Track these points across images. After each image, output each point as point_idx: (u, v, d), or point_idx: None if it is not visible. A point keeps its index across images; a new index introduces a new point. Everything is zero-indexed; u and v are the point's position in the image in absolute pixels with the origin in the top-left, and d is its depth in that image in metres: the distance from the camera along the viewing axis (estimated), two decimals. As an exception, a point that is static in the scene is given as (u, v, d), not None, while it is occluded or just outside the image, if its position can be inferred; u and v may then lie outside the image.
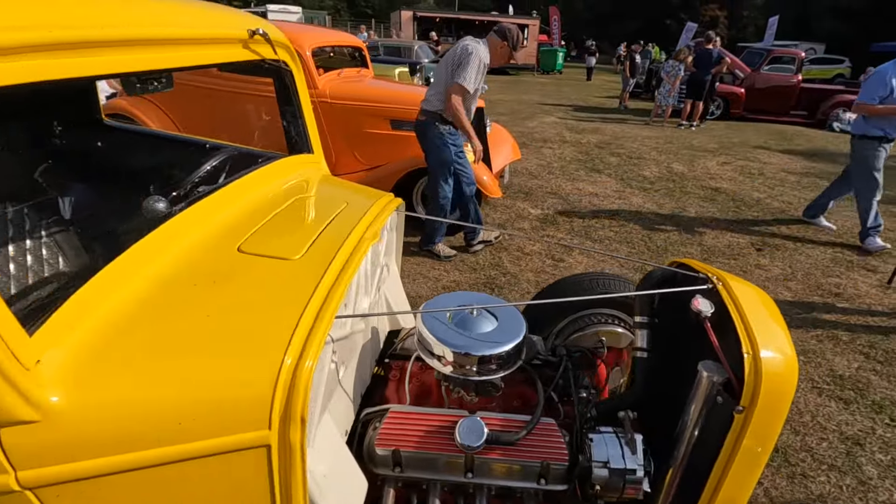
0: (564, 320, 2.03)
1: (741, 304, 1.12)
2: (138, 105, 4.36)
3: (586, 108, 12.41)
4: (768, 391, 0.97)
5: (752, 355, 1.00)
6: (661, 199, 5.26)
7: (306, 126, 1.69)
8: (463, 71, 3.02)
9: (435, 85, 3.25)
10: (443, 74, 3.15)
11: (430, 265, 3.49)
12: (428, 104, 3.23)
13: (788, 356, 1.02)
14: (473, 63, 3.05)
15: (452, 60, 3.10)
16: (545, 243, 3.96)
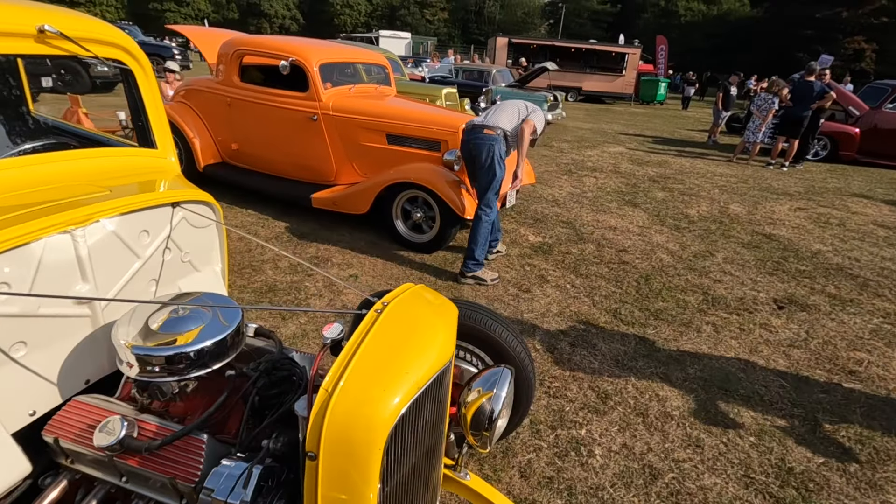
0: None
1: (375, 337, 0.95)
2: (176, 109, 4.87)
3: (668, 140, 11.59)
4: (333, 437, 0.81)
5: (328, 394, 0.84)
6: (691, 240, 4.70)
7: (149, 122, 1.76)
8: (536, 118, 3.42)
9: (507, 115, 3.43)
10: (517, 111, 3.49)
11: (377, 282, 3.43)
12: (504, 123, 3.34)
13: (380, 402, 0.85)
14: (542, 120, 3.50)
15: (527, 107, 3.52)
16: (522, 272, 3.71)
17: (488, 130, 3.32)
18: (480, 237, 3.39)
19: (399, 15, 56.84)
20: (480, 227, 3.39)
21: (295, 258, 1.90)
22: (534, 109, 3.52)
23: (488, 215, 3.40)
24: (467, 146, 3.41)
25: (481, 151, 3.31)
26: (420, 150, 4.06)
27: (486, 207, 3.40)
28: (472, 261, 3.43)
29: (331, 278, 3.31)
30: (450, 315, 1.17)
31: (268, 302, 3.03)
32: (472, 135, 3.38)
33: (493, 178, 3.33)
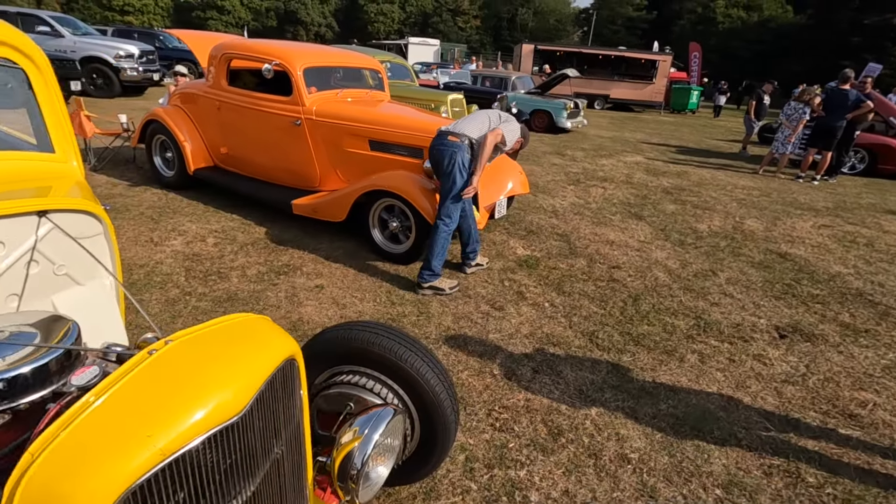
0: (322, 374, 1.72)
1: (129, 387, 0.78)
2: (168, 112, 4.87)
3: (693, 150, 11.10)
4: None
5: (32, 459, 0.68)
6: (694, 257, 4.37)
7: (46, 124, 1.66)
8: (508, 128, 3.35)
9: (477, 123, 3.34)
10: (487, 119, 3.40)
11: (335, 293, 3.28)
12: (470, 130, 3.26)
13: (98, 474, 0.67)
14: (515, 130, 3.45)
15: (500, 116, 3.45)
16: (499, 287, 3.50)
17: (453, 137, 3.22)
18: (437, 247, 3.23)
19: (432, 22, 57.28)
20: (438, 236, 3.23)
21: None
22: (507, 120, 3.46)
23: (447, 225, 3.25)
24: (432, 152, 3.28)
25: (443, 158, 3.19)
26: (403, 157, 3.91)
27: (446, 217, 3.24)
28: (427, 271, 3.27)
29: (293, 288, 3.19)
30: (272, 356, 0.99)
31: (222, 312, 2.91)
32: (438, 140, 3.26)
33: (452, 187, 3.19)
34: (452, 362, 2.59)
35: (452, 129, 3.28)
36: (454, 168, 3.16)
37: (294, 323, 2.85)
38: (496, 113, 3.49)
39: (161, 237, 3.90)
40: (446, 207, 3.23)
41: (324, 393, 1.64)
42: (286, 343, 1.06)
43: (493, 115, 3.45)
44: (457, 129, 3.25)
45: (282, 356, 1.01)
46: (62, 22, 12.34)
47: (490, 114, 3.46)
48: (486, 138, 3.22)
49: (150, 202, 4.67)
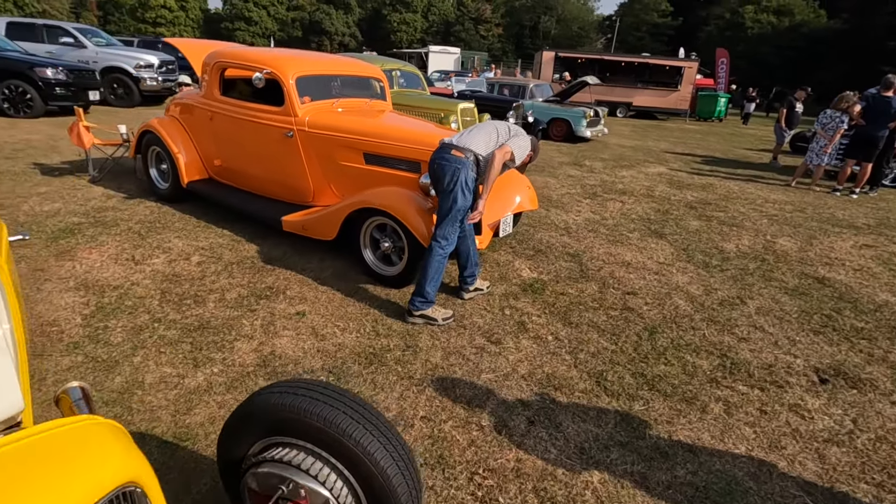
0: (255, 445, 1.42)
1: None
2: (163, 123, 4.71)
3: (719, 160, 10.57)
4: None
5: None
6: (720, 282, 3.96)
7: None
8: (518, 143, 3.05)
9: (483, 137, 3.03)
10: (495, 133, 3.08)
11: (316, 327, 2.99)
12: (476, 146, 2.95)
13: None
14: (525, 146, 3.12)
15: (510, 130, 3.13)
16: (499, 316, 3.16)
17: (457, 152, 2.90)
18: (431, 271, 2.93)
19: (454, 31, 57.44)
20: (432, 259, 2.92)
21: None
22: (516, 133, 3.13)
23: (443, 248, 2.93)
24: (432, 166, 2.97)
25: (444, 174, 2.88)
26: (400, 171, 3.63)
27: (442, 239, 2.93)
28: (419, 298, 2.95)
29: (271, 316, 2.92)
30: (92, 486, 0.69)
31: (189, 343, 2.66)
32: (439, 154, 2.94)
33: (452, 206, 2.88)
34: (436, 409, 2.27)
35: (456, 142, 2.96)
36: (456, 186, 2.85)
37: (265, 357, 2.57)
38: (504, 125, 3.16)
39: (143, 255, 3.70)
40: (443, 228, 2.92)
41: (254, 470, 1.35)
42: (123, 466, 0.76)
43: (501, 127, 3.12)
44: (462, 143, 2.93)
45: (109, 485, 0.72)
46: (85, 33, 12.55)
47: (498, 126, 3.12)
48: (493, 157, 2.91)
49: (142, 216, 4.49)
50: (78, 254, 3.63)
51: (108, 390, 2.25)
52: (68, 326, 2.71)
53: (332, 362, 2.57)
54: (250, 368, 2.47)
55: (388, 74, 7.55)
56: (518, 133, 3.13)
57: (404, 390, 2.38)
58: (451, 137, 3.07)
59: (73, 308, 2.90)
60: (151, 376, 2.36)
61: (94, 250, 3.71)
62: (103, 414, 2.05)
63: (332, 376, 2.45)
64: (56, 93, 9.54)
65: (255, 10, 61.22)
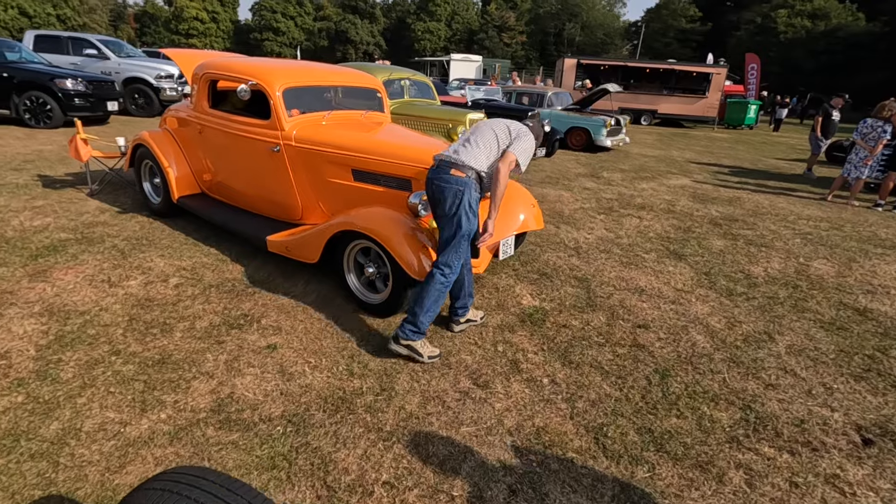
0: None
1: None
2: (155, 136, 4.56)
3: (748, 171, 10.00)
4: None
5: None
6: (746, 313, 3.55)
7: None
8: (520, 147, 2.72)
9: (484, 148, 2.72)
10: (494, 139, 2.75)
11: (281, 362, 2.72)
12: (476, 162, 2.66)
13: None
14: (530, 147, 2.79)
15: (510, 130, 2.79)
16: (491, 352, 2.84)
17: (457, 171, 2.60)
18: (429, 300, 2.63)
19: (477, 39, 57.49)
20: (431, 288, 2.63)
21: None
22: (517, 135, 2.77)
23: (445, 276, 2.64)
24: (430, 187, 2.68)
25: (445, 197, 2.59)
26: (391, 188, 3.36)
27: (445, 266, 2.64)
28: (411, 326, 2.64)
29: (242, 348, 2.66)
30: None
31: (143, 381, 2.42)
32: (437, 174, 2.65)
33: (456, 232, 2.61)
34: (402, 473, 1.96)
35: (454, 158, 2.65)
36: (459, 210, 2.57)
37: (221, 401, 2.31)
38: (503, 127, 2.79)
39: (120, 276, 3.51)
40: (446, 255, 2.64)
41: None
42: None
43: (500, 132, 2.76)
44: (460, 160, 2.63)
45: None
46: (109, 45, 12.79)
47: (497, 131, 2.76)
48: (498, 172, 2.61)
49: (129, 232, 4.34)
50: (53, 274, 3.46)
51: (40, 439, 2.02)
52: (19, 360, 2.51)
53: (294, 408, 2.29)
54: (202, 415, 2.21)
55: (398, 84, 7.34)
56: (520, 134, 2.77)
57: (370, 446, 2.09)
58: (446, 151, 2.76)
59: (29, 338, 2.71)
60: (91, 422, 2.13)
61: (71, 270, 3.54)
62: (27, 470, 1.82)
63: (290, 426, 2.17)
64: (75, 104, 9.66)
65: (283, 21, 62.60)
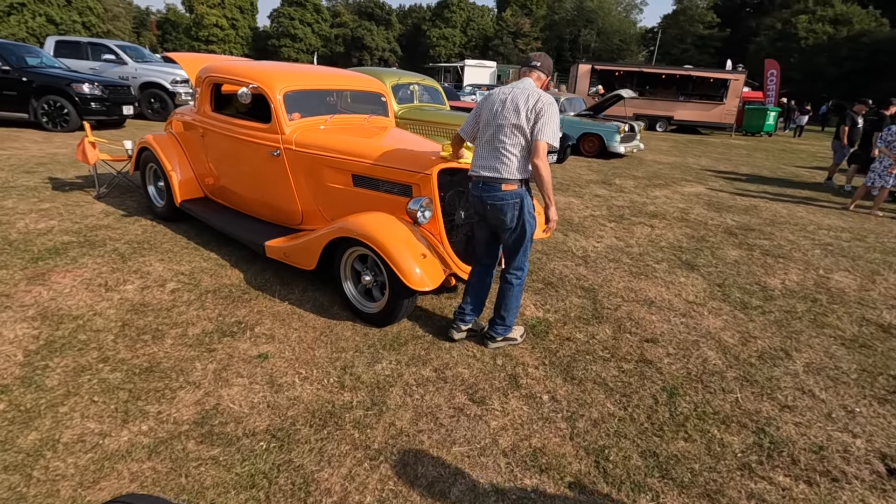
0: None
1: None
2: (159, 140, 4.55)
3: (767, 179, 9.74)
4: None
5: None
6: (762, 328, 3.38)
7: None
8: (547, 126, 2.47)
9: (512, 149, 2.54)
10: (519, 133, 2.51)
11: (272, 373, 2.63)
12: (519, 170, 2.57)
13: None
14: (555, 116, 2.51)
15: (527, 115, 2.48)
16: (490, 366, 2.72)
17: (507, 186, 2.58)
18: (512, 303, 2.85)
19: (492, 45, 57.55)
20: (513, 293, 2.84)
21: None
22: (537, 113, 2.45)
23: (520, 278, 2.86)
24: (480, 206, 2.68)
25: (504, 213, 2.62)
26: (391, 194, 3.27)
27: (517, 270, 2.84)
28: (501, 326, 2.90)
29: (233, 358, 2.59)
30: None
31: (128, 390, 2.36)
32: (488, 193, 2.61)
33: (523, 238, 2.72)
34: (387, 496, 1.86)
35: (498, 176, 2.55)
36: (521, 219, 2.66)
37: (205, 413, 2.23)
38: (522, 108, 2.48)
39: (118, 280, 3.47)
40: (517, 259, 2.81)
41: None
42: None
43: (519, 117, 2.48)
44: (503, 174, 2.55)
45: None
46: (127, 50, 13.00)
47: (515, 118, 2.49)
48: (537, 168, 2.50)
49: (132, 236, 4.31)
50: (52, 278, 3.44)
51: (16, 450, 1.96)
52: (5, 365, 2.46)
53: (280, 422, 2.20)
54: (184, 427, 2.13)
55: (407, 89, 7.28)
56: (539, 110, 2.45)
57: (355, 465, 1.98)
58: (480, 168, 2.62)
59: (20, 342, 2.66)
60: (71, 433, 2.06)
61: (69, 273, 3.52)
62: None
63: (274, 441, 2.08)
64: (91, 108, 9.79)
65: (301, 28, 63.41)
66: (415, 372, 2.62)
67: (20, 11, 43.45)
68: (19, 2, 43.27)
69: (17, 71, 9.38)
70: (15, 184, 5.65)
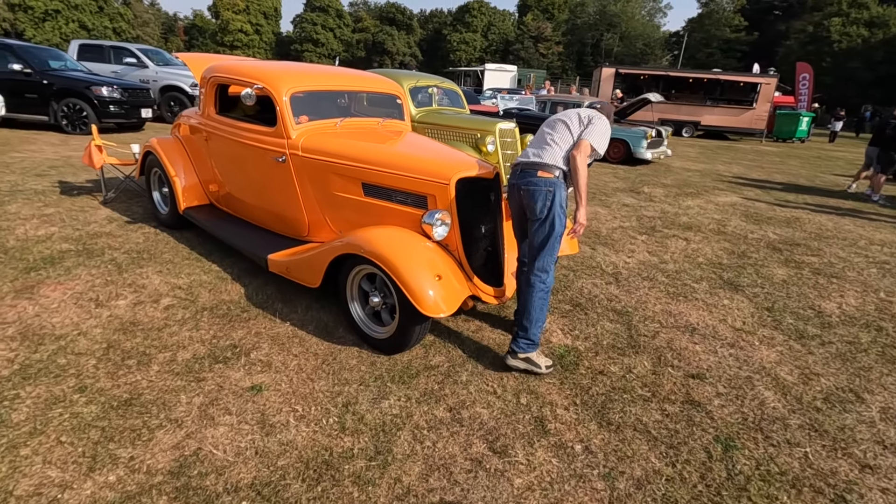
0: None
1: None
2: (163, 143, 4.33)
3: (805, 188, 9.18)
4: None
5: None
6: (823, 362, 2.96)
7: None
8: (595, 131, 2.58)
9: (559, 143, 2.62)
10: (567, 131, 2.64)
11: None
12: (561, 160, 2.58)
13: None
14: (606, 130, 2.63)
15: (580, 118, 2.67)
16: (512, 406, 2.37)
17: (544, 172, 2.55)
18: (535, 310, 2.60)
19: (513, 49, 57.16)
20: (534, 297, 2.59)
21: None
22: (590, 121, 2.63)
23: (544, 282, 2.62)
24: (516, 194, 2.66)
25: (535, 200, 2.54)
26: (404, 206, 2.96)
27: (542, 272, 2.61)
28: (524, 339, 2.61)
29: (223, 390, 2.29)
30: None
31: (101, 429, 2.07)
32: (523, 179, 2.60)
33: (551, 234, 2.56)
34: (388, 579, 1.52)
35: (537, 160, 2.58)
36: (553, 211, 2.53)
37: (184, 460, 1.93)
38: (573, 115, 2.69)
39: (110, 294, 3.22)
40: (542, 259, 2.60)
41: None
42: None
43: (571, 120, 2.66)
44: (544, 161, 2.57)
45: None
46: (149, 53, 13.04)
47: (568, 120, 2.66)
48: (574, 162, 2.51)
49: (132, 244, 4.09)
50: (41, 291, 3.21)
51: (-38, 504, 1.68)
52: (-29, 394, 2.21)
53: (268, 474, 1.89)
54: (158, 478, 1.84)
55: (426, 92, 6.99)
56: (592, 119, 2.63)
57: (352, 535, 1.66)
58: (523, 155, 2.70)
59: (-8, 366, 2.41)
60: (27, 483, 1.78)
61: (60, 286, 3.29)
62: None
63: (259, 499, 1.77)
64: (110, 110, 9.77)
65: (323, 33, 64.04)
66: (426, 412, 2.29)
67: (55, 18, 44.94)
68: (54, 8, 44.75)
69: (38, 74, 9.39)
70: (23, 187, 5.51)
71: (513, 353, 2.64)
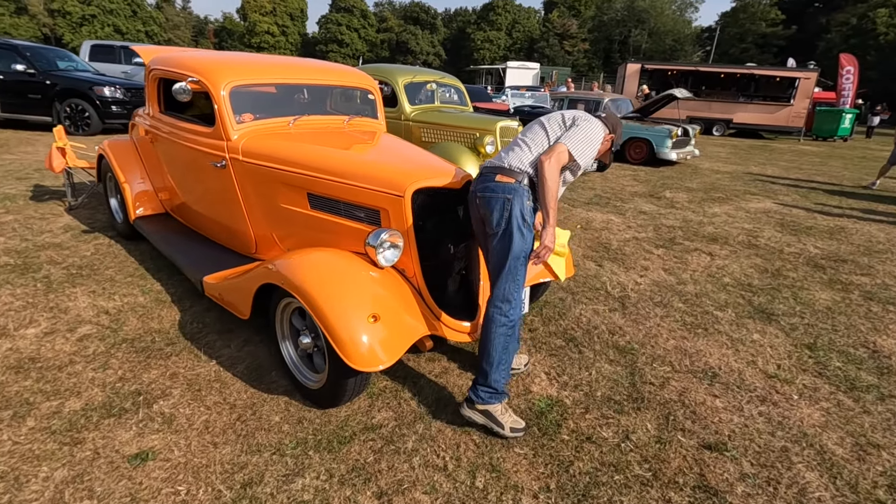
0: None
1: None
2: (114, 146, 3.92)
3: (849, 193, 8.28)
4: None
5: None
6: (884, 425, 2.29)
7: None
8: (576, 136, 2.05)
9: (534, 144, 2.11)
10: (544, 133, 2.12)
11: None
12: (527, 164, 2.07)
13: None
14: (592, 136, 2.08)
15: (562, 121, 2.15)
16: (463, 488, 1.81)
17: (503, 177, 2.04)
18: (496, 350, 2.04)
19: (538, 47, 56.15)
20: (495, 334, 2.04)
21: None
22: (574, 123, 2.09)
23: (506, 314, 2.04)
24: (474, 202, 2.12)
25: (491, 210, 2.02)
26: (354, 221, 2.44)
27: (503, 302, 2.05)
28: (483, 387, 2.07)
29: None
30: None
31: (-81, 516, 1.61)
32: (480, 185, 2.10)
33: (509, 252, 2.01)
34: None
35: (499, 162, 2.10)
36: (511, 224, 2.00)
37: (-1, 573, 1.44)
38: (556, 116, 2.17)
39: (22, 321, 2.80)
40: (501, 286, 2.04)
41: None
42: None
43: (551, 121, 2.14)
44: (506, 163, 2.07)
45: None
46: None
47: (548, 120, 2.15)
48: (542, 167, 1.97)
49: (77, 258, 3.68)
50: (-53, 315, 2.80)
51: None
52: None
53: None
54: None
55: (426, 88, 6.46)
56: (577, 120, 2.10)
57: None
58: (497, 157, 2.15)
59: None
60: None
61: (-29, 310, 2.88)
62: None
63: None
64: (112, 111, 9.58)
65: (348, 33, 64.26)
66: (348, 498, 1.75)
67: (91, 23, 46.48)
68: (90, 13, 46.31)
69: (42, 74, 9.25)
70: (-7, 192, 5.22)
71: (470, 402, 2.10)
